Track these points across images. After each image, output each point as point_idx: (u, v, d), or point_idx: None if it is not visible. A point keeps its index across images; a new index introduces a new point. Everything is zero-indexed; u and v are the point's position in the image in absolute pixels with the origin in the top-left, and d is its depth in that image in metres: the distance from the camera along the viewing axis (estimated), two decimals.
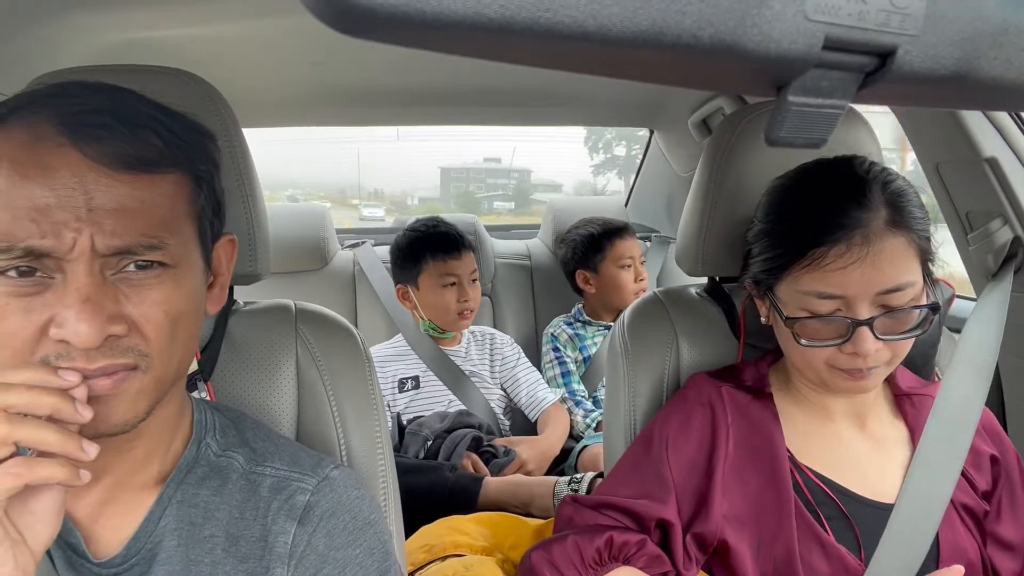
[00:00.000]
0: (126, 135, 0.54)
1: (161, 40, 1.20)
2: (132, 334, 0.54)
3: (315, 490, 0.66)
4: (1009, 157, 1.05)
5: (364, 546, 0.65)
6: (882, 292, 0.74)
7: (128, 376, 0.54)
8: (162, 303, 0.55)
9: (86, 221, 0.51)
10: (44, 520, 0.51)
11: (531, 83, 1.70)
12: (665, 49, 0.27)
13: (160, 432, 0.63)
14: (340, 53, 1.43)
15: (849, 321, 0.75)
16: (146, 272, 0.54)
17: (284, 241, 1.91)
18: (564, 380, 1.88)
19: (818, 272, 0.75)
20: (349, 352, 0.86)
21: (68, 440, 0.49)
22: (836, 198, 0.77)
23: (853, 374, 0.77)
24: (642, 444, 0.88)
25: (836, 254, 0.74)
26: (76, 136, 0.52)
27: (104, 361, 0.52)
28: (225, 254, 0.67)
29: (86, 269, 0.51)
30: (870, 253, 0.74)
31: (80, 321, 0.50)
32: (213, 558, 0.62)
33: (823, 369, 0.79)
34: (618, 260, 1.92)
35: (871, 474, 0.84)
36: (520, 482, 1.43)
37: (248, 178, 0.81)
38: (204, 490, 0.64)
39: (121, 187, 0.53)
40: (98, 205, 0.52)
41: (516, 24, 0.25)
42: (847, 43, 0.29)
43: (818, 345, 0.77)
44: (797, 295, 0.78)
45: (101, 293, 0.52)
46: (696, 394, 0.88)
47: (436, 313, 1.77)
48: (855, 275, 0.74)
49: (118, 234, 0.52)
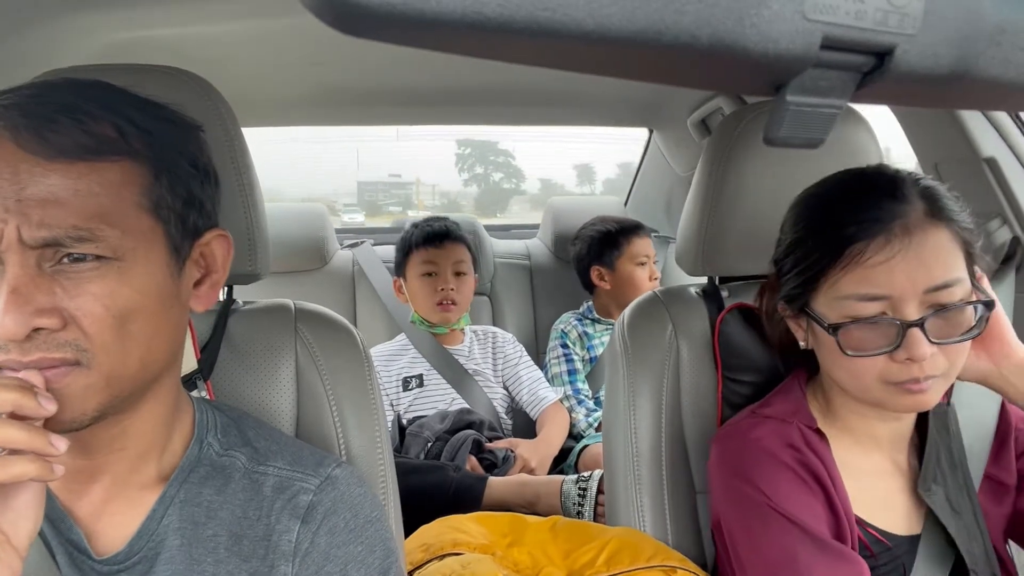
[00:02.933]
0: (69, 125, 0.53)
1: (161, 39, 1.20)
2: (69, 328, 0.52)
3: (318, 489, 0.66)
4: (1008, 157, 1.05)
5: (366, 543, 0.66)
6: (930, 290, 0.69)
7: (71, 371, 0.52)
8: (101, 297, 0.53)
9: (13, 212, 0.51)
10: (25, 515, 0.51)
11: (530, 83, 1.70)
12: (663, 48, 0.27)
13: (153, 431, 0.62)
14: (340, 53, 1.43)
15: (898, 323, 0.69)
16: (82, 265, 0.53)
17: (283, 241, 1.91)
18: (570, 378, 1.88)
19: (859, 271, 0.70)
20: (349, 352, 0.86)
21: (35, 436, 0.49)
22: (868, 193, 0.73)
23: (911, 386, 0.70)
24: (788, 533, 0.76)
25: (876, 248, 0.69)
26: (15, 127, 0.52)
27: (38, 354, 0.51)
28: (219, 249, 0.64)
29: (17, 260, 0.51)
30: (912, 244, 0.69)
31: (5, 312, 0.49)
32: (216, 557, 0.62)
33: (877, 388, 0.72)
34: (635, 257, 1.93)
35: (912, 504, 0.81)
36: (525, 481, 1.43)
37: (247, 177, 0.81)
38: (207, 489, 0.64)
39: (53, 176, 0.52)
40: (28, 196, 0.51)
41: (515, 23, 0.25)
42: (845, 42, 0.29)
43: (867, 355, 0.71)
44: (838, 303, 0.72)
45: (32, 285, 0.51)
46: (771, 444, 0.80)
47: (417, 303, 1.80)
48: (899, 270, 0.69)
49: (45, 225, 0.51)
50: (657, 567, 0.86)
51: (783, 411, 0.83)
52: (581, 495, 1.36)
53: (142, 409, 0.60)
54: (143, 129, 0.56)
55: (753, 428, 0.83)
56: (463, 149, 11.57)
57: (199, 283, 0.64)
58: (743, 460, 0.81)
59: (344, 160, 10.08)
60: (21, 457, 0.49)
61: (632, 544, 0.90)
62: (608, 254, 1.95)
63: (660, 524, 0.97)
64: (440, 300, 1.75)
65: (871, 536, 0.79)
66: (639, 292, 1.89)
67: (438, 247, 1.79)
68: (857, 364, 0.72)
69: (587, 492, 1.35)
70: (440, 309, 1.76)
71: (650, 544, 0.91)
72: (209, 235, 0.63)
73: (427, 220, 1.88)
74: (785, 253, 0.81)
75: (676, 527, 0.97)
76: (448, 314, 1.77)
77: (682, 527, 0.97)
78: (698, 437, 0.98)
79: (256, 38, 1.32)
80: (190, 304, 0.63)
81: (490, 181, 12.66)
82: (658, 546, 0.90)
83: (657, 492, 0.97)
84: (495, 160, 12.23)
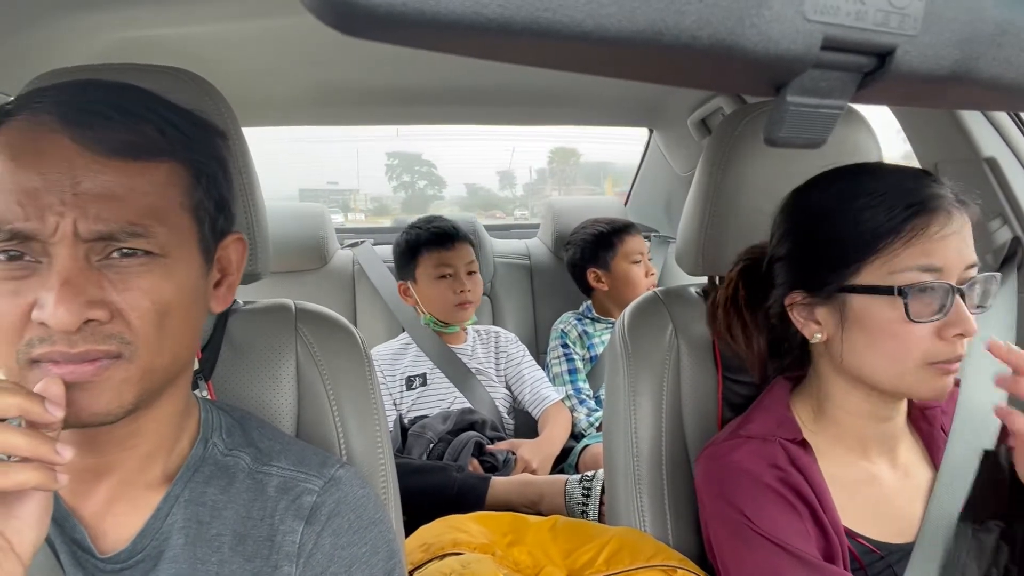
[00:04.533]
0: (121, 123, 0.54)
1: (161, 39, 1.20)
2: (115, 321, 0.53)
3: (322, 490, 0.66)
4: (1008, 157, 1.05)
5: (370, 544, 0.66)
6: (968, 266, 0.73)
7: (112, 364, 0.53)
8: (148, 292, 0.54)
9: (70, 205, 0.51)
10: (30, 524, 0.51)
11: (530, 83, 1.70)
12: (664, 49, 0.27)
13: (164, 430, 0.63)
14: (340, 52, 1.43)
15: (947, 287, 0.72)
16: (131, 260, 0.54)
17: (284, 241, 1.91)
18: (571, 377, 1.88)
19: (921, 244, 0.72)
20: (349, 352, 0.86)
21: (40, 444, 0.48)
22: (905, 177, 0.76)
23: (950, 366, 0.73)
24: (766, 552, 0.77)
25: (940, 223, 0.72)
26: (70, 123, 0.53)
27: (85, 346, 0.52)
28: (235, 252, 0.67)
29: (69, 253, 0.51)
30: (963, 224, 0.73)
31: (59, 303, 0.50)
32: (220, 557, 0.62)
33: (914, 370, 0.74)
34: (629, 256, 1.93)
35: (902, 512, 0.81)
36: (528, 481, 1.43)
37: (248, 177, 0.81)
38: (211, 489, 0.64)
39: (109, 173, 0.53)
40: (84, 190, 0.52)
41: (515, 23, 0.25)
42: (846, 43, 0.29)
43: (926, 320, 0.72)
44: (892, 277, 0.73)
45: (83, 277, 0.52)
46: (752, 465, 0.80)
47: (435, 306, 1.79)
48: (952, 246, 0.72)
49: (102, 219, 0.52)
50: (657, 567, 0.86)
51: (764, 429, 0.83)
52: (585, 495, 1.36)
53: (157, 407, 0.61)
54: (183, 132, 0.58)
55: (734, 450, 0.82)
56: (392, 160, 13.60)
57: (218, 284, 0.65)
58: (725, 483, 0.81)
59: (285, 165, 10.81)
60: (25, 465, 0.48)
61: (632, 544, 0.90)
62: (602, 255, 1.95)
63: (660, 524, 0.97)
64: (460, 301, 1.76)
65: (861, 547, 0.79)
66: (637, 290, 1.89)
67: (450, 249, 1.78)
68: (904, 344, 0.73)
69: (591, 492, 1.35)
70: (459, 309, 1.76)
71: (650, 544, 0.91)
72: (229, 238, 0.65)
73: (427, 220, 1.87)
74: (803, 237, 0.80)
75: (676, 527, 0.97)
76: (466, 312, 1.78)
77: (682, 527, 0.97)
78: (698, 437, 0.98)
79: (256, 38, 1.32)
80: (210, 305, 0.64)
81: (416, 188, 14.78)
82: (658, 546, 0.90)
83: (657, 492, 0.97)
84: (419, 170, 14.29)
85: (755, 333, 0.89)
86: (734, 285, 0.90)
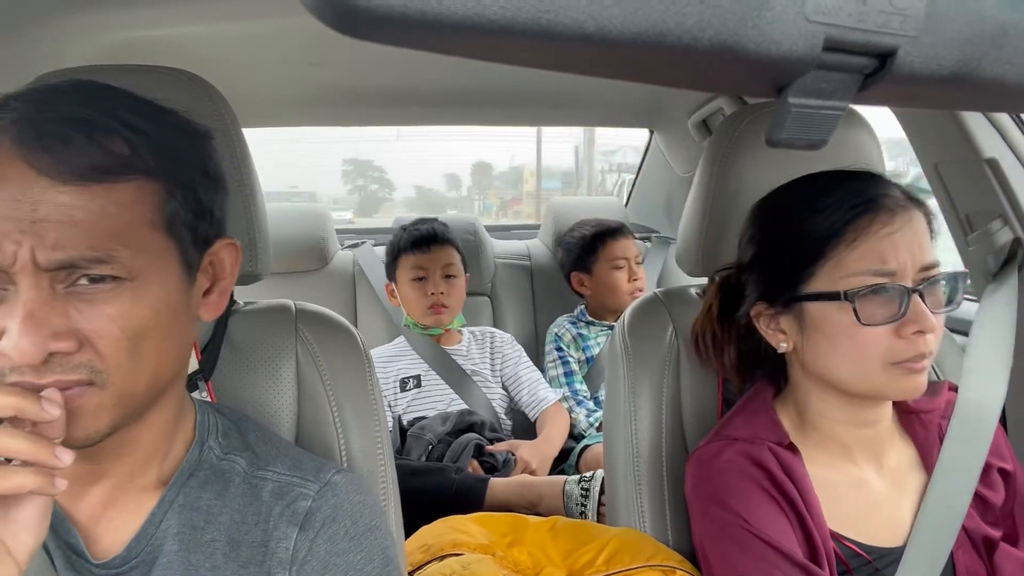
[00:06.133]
0: (82, 144, 0.52)
1: (161, 39, 1.20)
2: (84, 350, 0.52)
3: (317, 496, 0.65)
4: (1009, 158, 1.05)
5: (365, 552, 0.65)
6: (923, 267, 0.72)
7: (85, 391, 0.52)
8: (116, 318, 0.52)
9: (28, 234, 0.50)
10: (28, 528, 0.50)
11: (531, 84, 1.70)
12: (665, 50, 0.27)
13: (157, 436, 0.62)
14: (340, 53, 1.43)
15: (904, 288, 0.71)
16: (99, 286, 0.52)
17: (284, 241, 1.91)
18: (567, 380, 1.88)
19: (865, 244, 0.72)
20: (349, 352, 0.85)
21: (40, 448, 0.48)
22: (851, 179, 0.76)
23: (914, 364, 0.73)
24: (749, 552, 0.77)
25: (882, 221, 0.72)
26: (28, 148, 0.51)
27: (54, 377, 0.51)
28: (228, 257, 0.64)
29: (31, 283, 0.50)
30: (907, 221, 0.73)
31: (21, 336, 0.49)
32: (214, 563, 0.61)
33: (880, 372, 0.74)
34: (611, 261, 1.91)
35: (892, 517, 0.81)
36: (527, 482, 1.43)
37: (248, 178, 0.81)
38: (206, 494, 0.64)
39: (67, 197, 0.51)
40: (42, 217, 0.50)
41: (516, 25, 0.25)
42: (847, 44, 0.29)
43: (879, 324, 0.71)
44: (842, 282, 0.73)
45: (47, 308, 0.50)
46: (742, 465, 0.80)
47: (411, 308, 1.81)
48: (902, 245, 0.72)
49: (60, 247, 0.50)
50: (656, 567, 0.86)
51: (750, 432, 0.83)
52: (584, 495, 1.36)
53: (149, 417, 0.60)
54: (155, 143, 0.55)
55: (722, 451, 0.82)
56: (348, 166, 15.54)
57: (208, 291, 0.63)
58: (716, 484, 0.81)
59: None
60: (23, 469, 0.48)
61: (632, 544, 0.90)
62: (586, 259, 1.94)
63: (660, 524, 0.97)
64: (431, 304, 1.77)
65: (848, 550, 0.78)
66: (618, 295, 1.89)
67: (426, 252, 1.80)
68: (862, 347, 0.73)
69: (590, 492, 1.35)
70: (432, 312, 1.77)
71: (650, 544, 0.91)
72: (219, 244, 0.63)
73: (415, 223, 1.88)
74: (763, 248, 0.81)
75: (676, 527, 0.97)
76: (440, 316, 1.78)
77: (682, 527, 0.97)
78: (698, 438, 0.97)
79: (256, 38, 1.32)
80: (199, 313, 0.62)
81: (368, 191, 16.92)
82: (658, 546, 0.90)
83: (657, 493, 0.97)
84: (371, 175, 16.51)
85: (725, 344, 0.90)
86: (709, 298, 0.91)
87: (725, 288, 0.90)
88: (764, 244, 0.82)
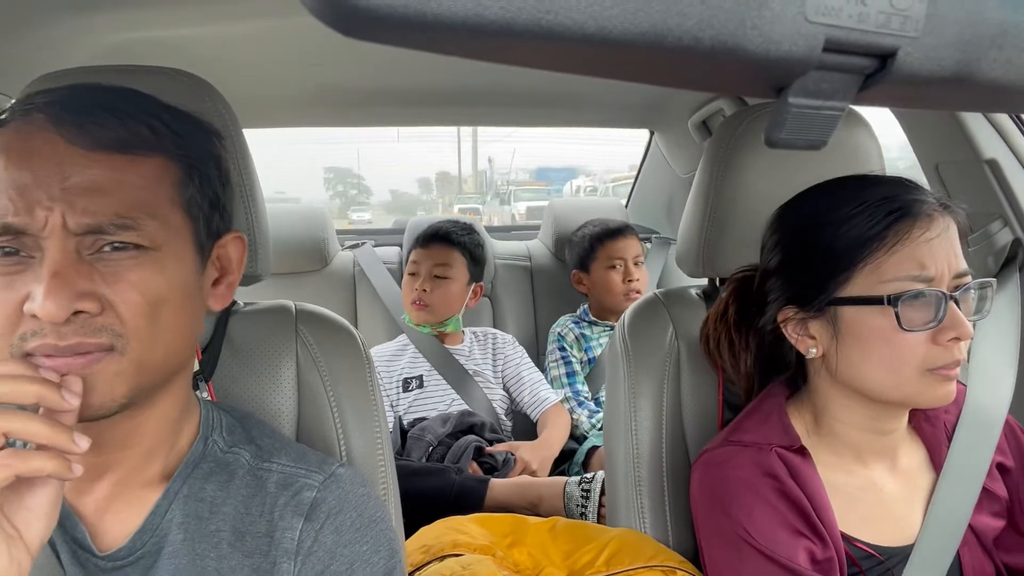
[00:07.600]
0: (110, 120, 0.55)
1: (161, 40, 1.20)
2: (106, 313, 0.54)
3: (322, 486, 0.66)
4: (1009, 159, 1.05)
5: (371, 543, 0.66)
6: (958, 275, 0.72)
7: (104, 357, 0.53)
8: (139, 284, 0.55)
9: (59, 199, 0.52)
10: (39, 515, 0.51)
11: (531, 84, 1.70)
12: (666, 51, 0.27)
13: (163, 429, 0.63)
14: (340, 53, 1.43)
15: (942, 294, 0.71)
16: (122, 253, 0.55)
17: (284, 242, 1.91)
18: (569, 380, 1.87)
19: (905, 250, 0.71)
20: (349, 353, 0.86)
21: (58, 432, 0.49)
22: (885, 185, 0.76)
23: (949, 371, 0.72)
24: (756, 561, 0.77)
25: (922, 226, 0.71)
26: (60, 122, 0.54)
27: (75, 338, 0.52)
28: (235, 251, 0.67)
29: (58, 246, 0.52)
30: (947, 228, 0.72)
31: (47, 295, 0.50)
32: (219, 552, 0.62)
33: (914, 379, 0.73)
34: (607, 261, 1.92)
35: (903, 517, 0.81)
36: (527, 483, 1.43)
37: (248, 178, 0.81)
38: (211, 485, 0.64)
39: (96, 167, 0.54)
40: (72, 184, 0.53)
41: (516, 26, 0.25)
42: (847, 45, 0.29)
43: (919, 329, 0.71)
44: (880, 287, 0.72)
45: (72, 270, 0.52)
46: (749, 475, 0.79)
47: (403, 300, 1.87)
48: (940, 251, 0.71)
49: (89, 212, 0.53)
50: (657, 567, 0.86)
51: (761, 436, 0.82)
52: (584, 496, 1.35)
53: (157, 405, 0.61)
54: (174, 131, 0.59)
55: (731, 458, 0.82)
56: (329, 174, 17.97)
57: (216, 283, 0.66)
58: (722, 492, 0.80)
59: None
60: (41, 452, 0.49)
61: (632, 545, 0.90)
62: (585, 258, 1.96)
63: (660, 525, 0.97)
64: (414, 299, 1.79)
65: (860, 551, 0.78)
66: (613, 296, 1.90)
67: (423, 248, 1.84)
68: (899, 353, 0.72)
69: (590, 493, 1.35)
70: (414, 308, 1.80)
71: (650, 545, 0.91)
72: (227, 237, 0.66)
73: (439, 222, 1.93)
74: (791, 252, 0.80)
75: (677, 528, 0.97)
76: (420, 313, 1.79)
77: (683, 528, 0.97)
78: (699, 439, 0.98)
79: (256, 38, 1.32)
80: (208, 303, 0.65)
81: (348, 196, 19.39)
82: (658, 547, 0.90)
83: (658, 493, 0.97)
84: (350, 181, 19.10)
85: (742, 352, 0.89)
86: (724, 303, 0.90)
87: (741, 293, 0.89)
88: (792, 248, 0.80)
